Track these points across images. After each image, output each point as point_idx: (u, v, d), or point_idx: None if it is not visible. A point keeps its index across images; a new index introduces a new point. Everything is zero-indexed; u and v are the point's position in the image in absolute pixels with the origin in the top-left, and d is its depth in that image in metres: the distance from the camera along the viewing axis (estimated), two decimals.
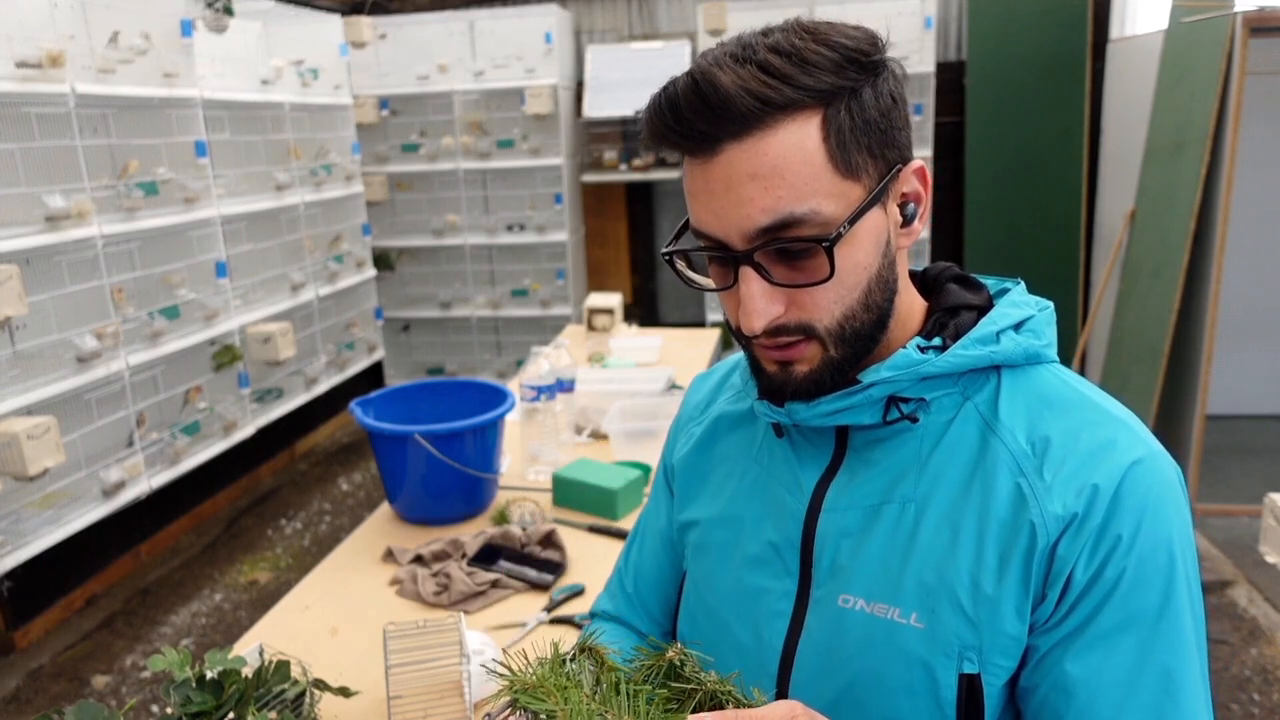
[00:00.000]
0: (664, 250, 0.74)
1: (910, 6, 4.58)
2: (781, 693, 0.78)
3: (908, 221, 0.72)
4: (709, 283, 0.73)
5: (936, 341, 0.74)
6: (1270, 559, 1.96)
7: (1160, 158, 3.79)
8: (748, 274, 0.68)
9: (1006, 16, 4.65)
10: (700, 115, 0.65)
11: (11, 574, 2.89)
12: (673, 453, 0.96)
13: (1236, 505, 3.53)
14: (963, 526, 0.70)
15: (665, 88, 0.67)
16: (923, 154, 4.74)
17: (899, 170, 0.69)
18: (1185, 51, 3.62)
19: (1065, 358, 4.61)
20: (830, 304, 0.69)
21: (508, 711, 0.67)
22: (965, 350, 0.72)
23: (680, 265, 0.75)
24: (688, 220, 0.72)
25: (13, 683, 2.85)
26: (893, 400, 0.73)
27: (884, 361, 0.72)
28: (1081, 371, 4.60)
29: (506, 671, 0.66)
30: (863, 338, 0.71)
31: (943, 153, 4.92)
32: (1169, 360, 3.57)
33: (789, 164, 0.64)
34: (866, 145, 0.67)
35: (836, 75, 0.65)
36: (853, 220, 0.66)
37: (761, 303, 0.68)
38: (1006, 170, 4.79)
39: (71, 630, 3.14)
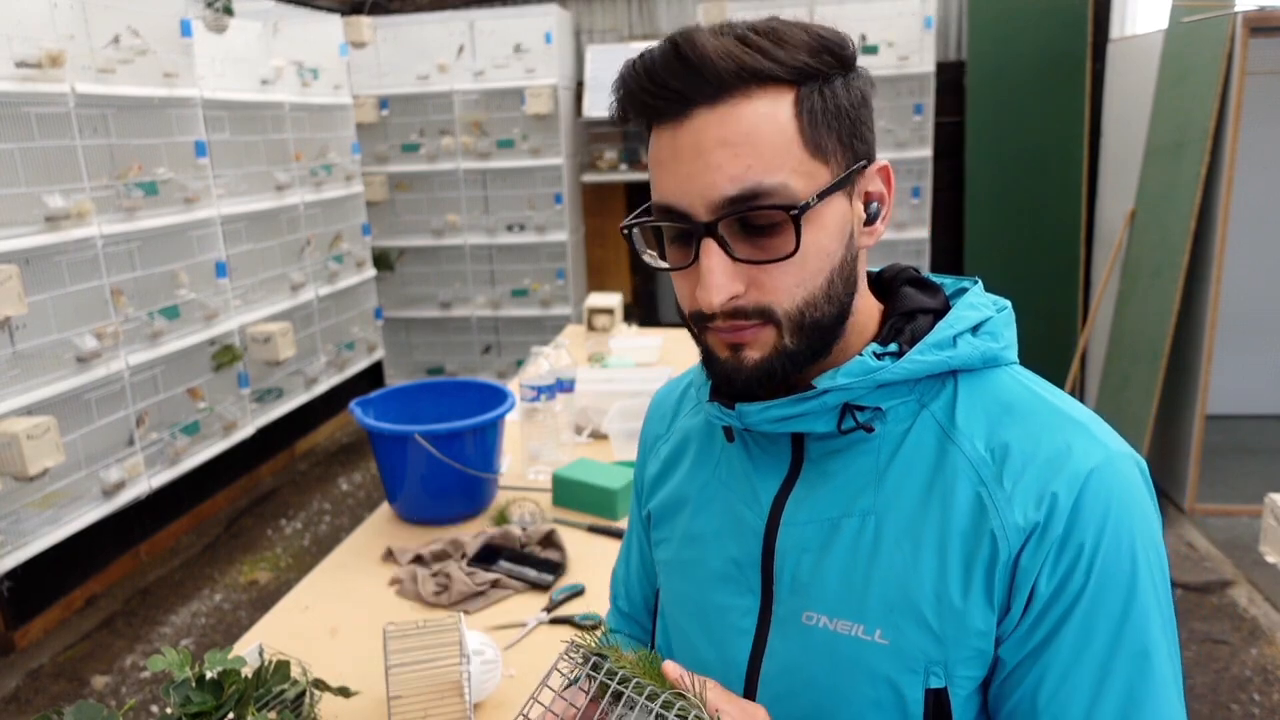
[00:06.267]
0: (622, 225, 0.72)
1: (910, 6, 4.58)
2: None
3: (870, 220, 0.71)
4: (665, 264, 0.71)
5: (893, 348, 0.71)
6: (1270, 559, 1.96)
7: (1160, 158, 3.79)
8: (709, 247, 0.66)
9: (1006, 16, 4.65)
10: (676, 75, 0.64)
11: (11, 574, 2.89)
12: (644, 471, 0.94)
13: (1236, 505, 3.53)
14: (924, 539, 0.69)
15: (642, 53, 0.67)
16: (922, 154, 4.74)
17: (865, 166, 0.69)
18: (1185, 51, 3.61)
19: (1065, 358, 4.61)
20: (792, 287, 0.67)
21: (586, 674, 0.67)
22: (922, 356, 0.70)
23: (639, 242, 0.72)
24: (648, 203, 0.70)
25: (13, 683, 2.85)
26: (848, 408, 0.70)
27: (840, 367, 0.70)
28: (1081, 372, 4.60)
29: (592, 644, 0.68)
30: (821, 330, 0.69)
31: (943, 153, 4.91)
32: (1169, 360, 3.57)
33: (760, 133, 0.64)
34: (836, 131, 0.66)
35: (812, 57, 0.65)
36: (821, 196, 0.65)
37: (721, 277, 0.65)
38: (1006, 170, 4.78)
39: (71, 630, 3.14)
